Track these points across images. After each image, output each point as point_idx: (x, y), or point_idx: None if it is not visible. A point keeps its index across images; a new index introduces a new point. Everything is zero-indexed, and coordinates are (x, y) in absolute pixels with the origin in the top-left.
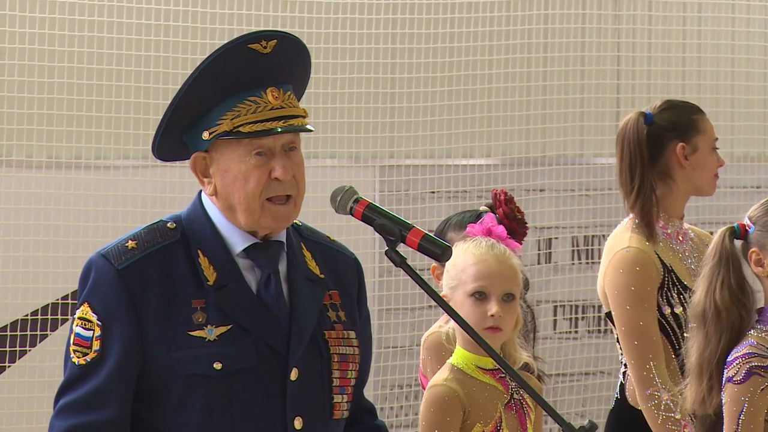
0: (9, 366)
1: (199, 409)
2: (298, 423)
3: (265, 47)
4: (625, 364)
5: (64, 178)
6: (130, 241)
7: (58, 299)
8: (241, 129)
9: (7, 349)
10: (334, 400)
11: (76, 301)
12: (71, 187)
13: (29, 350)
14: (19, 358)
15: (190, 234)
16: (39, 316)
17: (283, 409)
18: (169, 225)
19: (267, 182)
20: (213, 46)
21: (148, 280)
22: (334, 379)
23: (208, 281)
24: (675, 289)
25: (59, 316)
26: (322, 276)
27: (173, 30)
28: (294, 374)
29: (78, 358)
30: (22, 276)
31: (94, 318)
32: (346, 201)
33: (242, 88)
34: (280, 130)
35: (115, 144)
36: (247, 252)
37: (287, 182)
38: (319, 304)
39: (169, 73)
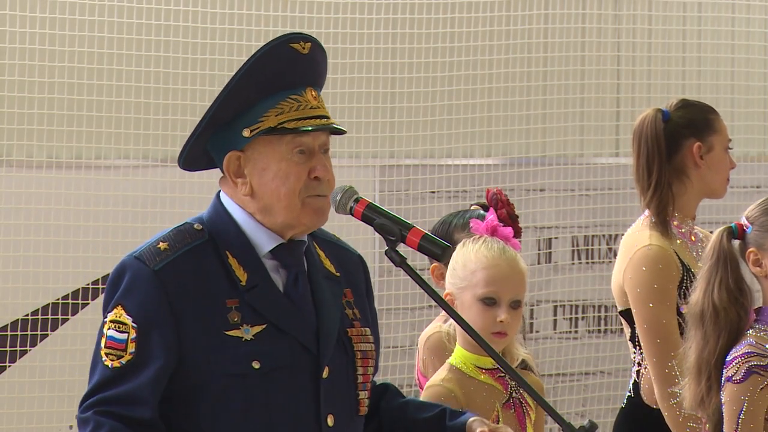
0: (9, 366)
1: (236, 408)
2: (330, 421)
3: (303, 48)
4: (639, 363)
5: (64, 178)
6: (161, 243)
7: (58, 299)
8: (286, 125)
9: (8, 349)
10: (360, 397)
11: (77, 301)
12: (71, 187)
13: (29, 350)
14: (19, 358)
15: (216, 235)
16: (39, 316)
17: (317, 407)
18: (195, 226)
19: (307, 181)
20: (213, 46)
21: (184, 281)
22: (359, 376)
23: (241, 281)
24: (692, 287)
25: (59, 316)
26: (338, 274)
27: (173, 30)
28: (326, 372)
29: (111, 361)
30: (22, 276)
31: (128, 320)
32: (346, 201)
33: (285, 86)
34: (315, 127)
35: (115, 144)
36: (273, 253)
37: (325, 182)
38: (339, 302)
39: (169, 73)
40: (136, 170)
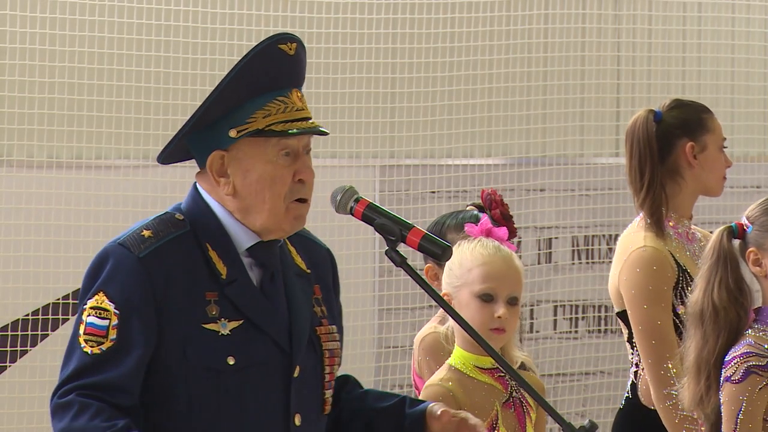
0: (9, 366)
1: (209, 403)
2: (297, 420)
3: (290, 49)
4: (636, 364)
5: (64, 178)
6: (144, 231)
7: (58, 299)
8: (273, 128)
9: (8, 349)
10: (325, 396)
11: (77, 301)
12: (71, 187)
13: (29, 350)
14: (19, 358)
15: (195, 226)
16: (39, 316)
17: (287, 405)
18: (177, 216)
19: (291, 184)
20: (212, 46)
21: (168, 269)
22: (326, 375)
23: (221, 275)
24: (688, 288)
25: (59, 316)
26: (308, 271)
27: (173, 30)
28: (297, 371)
29: (91, 347)
30: (22, 276)
31: (110, 307)
32: (346, 201)
33: (272, 87)
34: (301, 130)
35: (115, 144)
36: (250, 251)
37: (308, 186)
38: (310, 300)
39: (170, 73)
40: (136, 170)
